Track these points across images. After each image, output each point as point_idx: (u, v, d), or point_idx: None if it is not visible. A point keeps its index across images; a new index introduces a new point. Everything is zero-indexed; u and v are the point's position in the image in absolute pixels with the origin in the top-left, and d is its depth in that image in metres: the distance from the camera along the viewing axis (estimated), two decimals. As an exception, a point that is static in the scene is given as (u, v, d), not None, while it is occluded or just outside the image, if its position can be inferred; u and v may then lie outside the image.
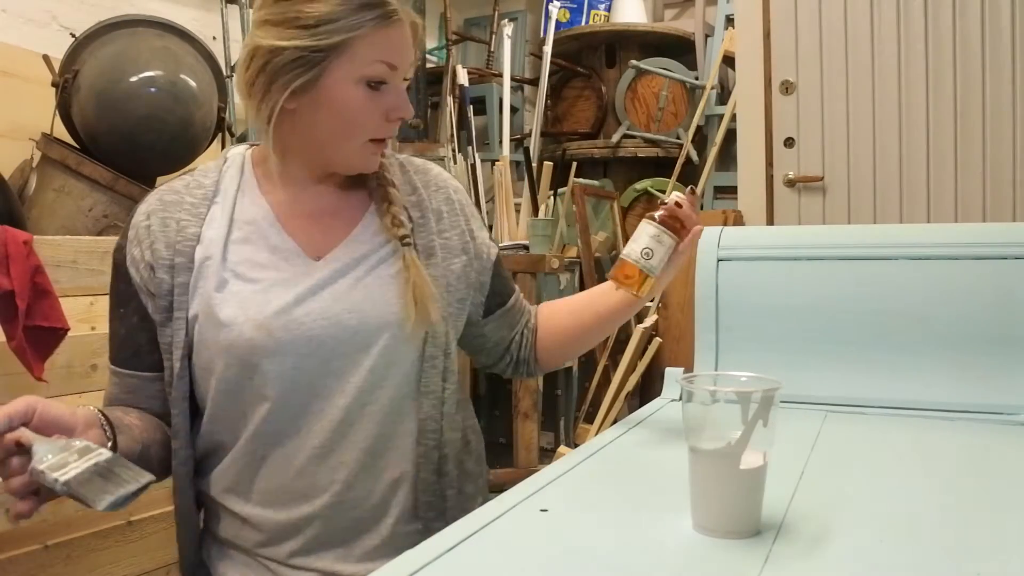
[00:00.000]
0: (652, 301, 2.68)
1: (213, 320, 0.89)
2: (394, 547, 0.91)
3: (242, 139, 2.24)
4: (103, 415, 0.84)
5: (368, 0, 0.88)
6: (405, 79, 0.94)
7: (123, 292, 0.93)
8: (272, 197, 0.97)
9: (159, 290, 0.91)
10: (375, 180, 0.99)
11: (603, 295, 1.06)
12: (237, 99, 2.24)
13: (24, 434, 0.73)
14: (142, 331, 0.93)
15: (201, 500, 0.97)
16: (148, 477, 0.74)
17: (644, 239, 0.95)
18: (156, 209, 0.94)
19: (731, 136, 2.68)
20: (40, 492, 0.74)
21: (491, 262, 1.06)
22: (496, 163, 3.00)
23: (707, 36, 3.25)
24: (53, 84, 1.89)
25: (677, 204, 0.96)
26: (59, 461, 0.71)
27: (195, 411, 0.94)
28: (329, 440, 0.90)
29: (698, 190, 2.87)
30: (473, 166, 3.03)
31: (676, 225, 0.96)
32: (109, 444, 0.81)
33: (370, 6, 0.88)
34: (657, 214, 0.96)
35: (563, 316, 1.11)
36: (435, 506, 0.95)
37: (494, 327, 1.08)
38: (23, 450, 0.73)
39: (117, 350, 0.95)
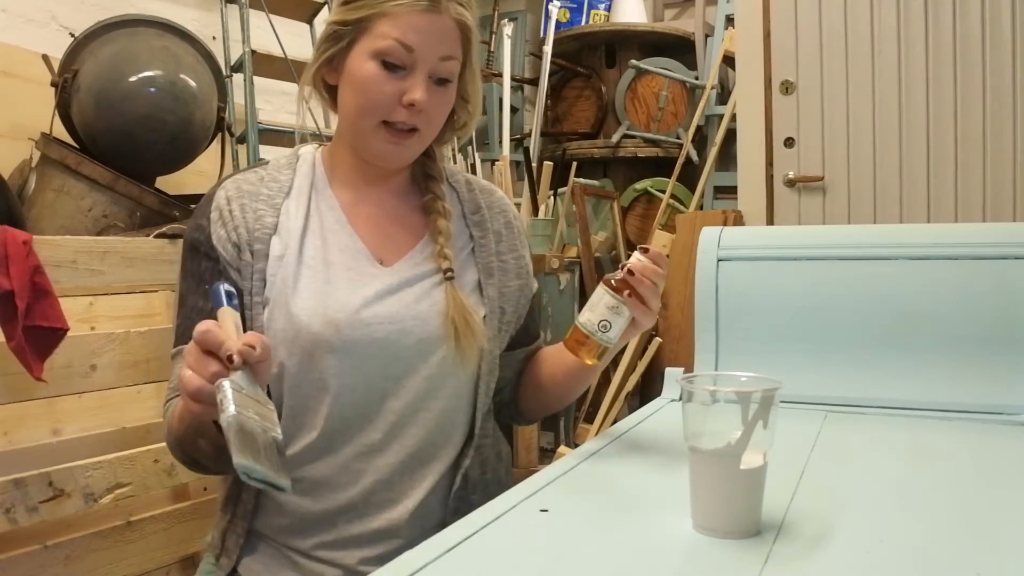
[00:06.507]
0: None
1: (284, 310, 0.91)
2: None
3: (242, 139, 2.24)
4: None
5: None
6: (444, 80, 0.94)
7: (208, 270, 0.94)
8: (341, 197, 1.00)
9: (245, 271, 0.93)
10: (431, 206, 1.00)
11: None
12: (237, 99, 2.24)
13: (244, 360, 0.71)
14: None
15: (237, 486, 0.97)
16: (286, 484, 0.69)
17: (602, 309, 0.88)
18: (235, 196, 0.96)
19: (731, 136, 2.68)
20: (203, 402, 0.71)
21: (529, 297, 1.07)
22: (496, 163, 3.00)
23: (707, 36, 3.25)
24: (53, 84, 1.89)
25: (630, 271, 0.87)
26: (244, 401, 0.68)
27: None
28: (379, 440, 0.92)
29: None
30: (473, 166, 3.03)
31: (636, 293, 0.88)
32: None
33: None
34: (615, 279, 0.88)
35: (539, 364, 1.08)
36: (462, 512, 0.95)
37: (506, 364, 1.05)
38: (230, 367, 0.70)
39: (188, 330, 0.94)
